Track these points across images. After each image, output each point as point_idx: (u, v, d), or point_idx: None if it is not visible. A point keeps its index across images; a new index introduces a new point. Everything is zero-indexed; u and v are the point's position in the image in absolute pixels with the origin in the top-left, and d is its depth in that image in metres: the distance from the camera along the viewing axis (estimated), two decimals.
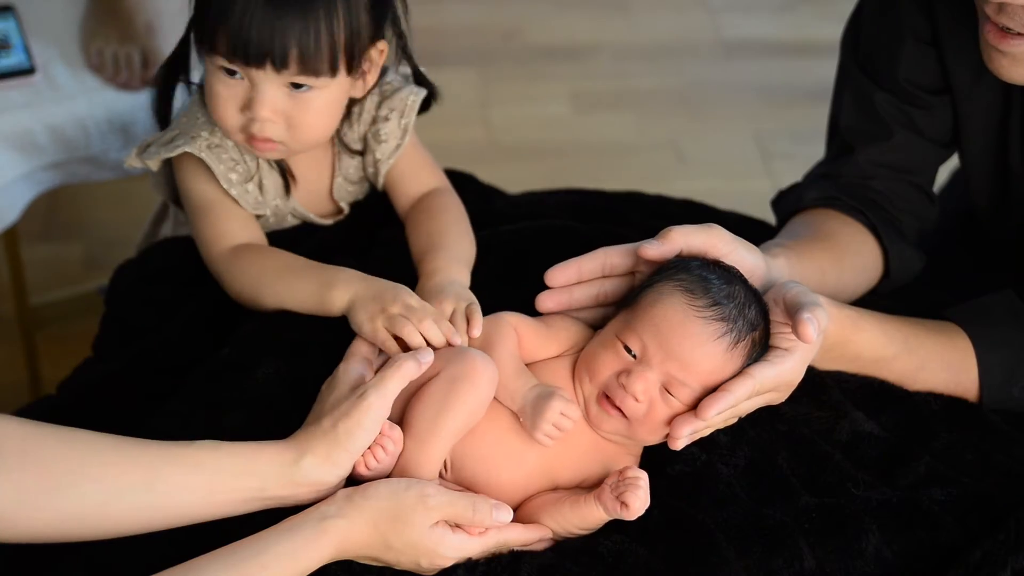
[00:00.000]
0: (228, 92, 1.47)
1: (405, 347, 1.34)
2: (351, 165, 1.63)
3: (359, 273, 1.43)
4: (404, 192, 1.61)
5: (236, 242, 1.53)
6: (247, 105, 1.46)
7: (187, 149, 1.52)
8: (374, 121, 1.60)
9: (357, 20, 1.45)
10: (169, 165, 1.60)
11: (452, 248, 1.50)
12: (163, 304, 1.59)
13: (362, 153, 1.62)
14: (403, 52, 1.59)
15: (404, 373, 1.28)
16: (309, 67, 1.43)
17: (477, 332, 1.35)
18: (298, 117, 1.47)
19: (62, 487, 1.16)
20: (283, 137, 1.49)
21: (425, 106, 1.64)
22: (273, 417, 1.34)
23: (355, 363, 1.34)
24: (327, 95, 1.48)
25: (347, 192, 1.65)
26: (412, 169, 1.62)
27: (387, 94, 1.60)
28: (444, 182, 1.64)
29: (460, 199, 1.61)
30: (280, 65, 1.42)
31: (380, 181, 1.62)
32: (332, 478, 1.25)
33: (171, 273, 1.64)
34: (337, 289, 1.41)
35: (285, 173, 1.59)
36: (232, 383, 1.39)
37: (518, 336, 1.36)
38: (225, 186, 1.53)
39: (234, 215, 1.55)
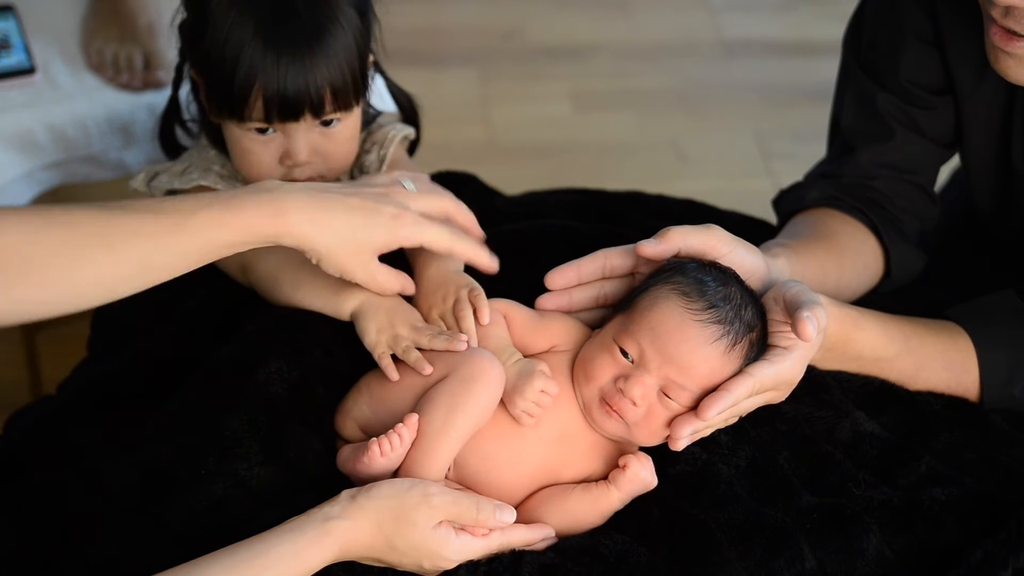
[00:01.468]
0: (264, 148, 1.50)
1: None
2: None
3: None
4: None
5: None
6: (285, 155, 1.49)
7: (202, 182, 1.57)
8: (359, 155, 1.64)
9: (360, 42, 1.49)
10: (171, 191, 1.63)
11: None
12: (158, 302, 1.59)
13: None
14: (375, 66, 1.63)
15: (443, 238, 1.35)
16: (341, 103, 1.48)
17: (486, 320, 1.35)
18: (331, 150, 1.52)
19: (65, 279, 1.22)
20: (320, 171, 1.53)
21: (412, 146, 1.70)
22: (274, 417, 1.34)
23: None
24: (352, 121, 1.53)
25: None
26: None
27: (373, 131, 1.65)
28: None
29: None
30: (317, 112, 1.46)
31: None
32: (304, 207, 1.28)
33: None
34: (352, 291, 1.41)
35: None
36: (233, 383, 1.39)
37: (507, 322, 1.37)
38: None
39: None
